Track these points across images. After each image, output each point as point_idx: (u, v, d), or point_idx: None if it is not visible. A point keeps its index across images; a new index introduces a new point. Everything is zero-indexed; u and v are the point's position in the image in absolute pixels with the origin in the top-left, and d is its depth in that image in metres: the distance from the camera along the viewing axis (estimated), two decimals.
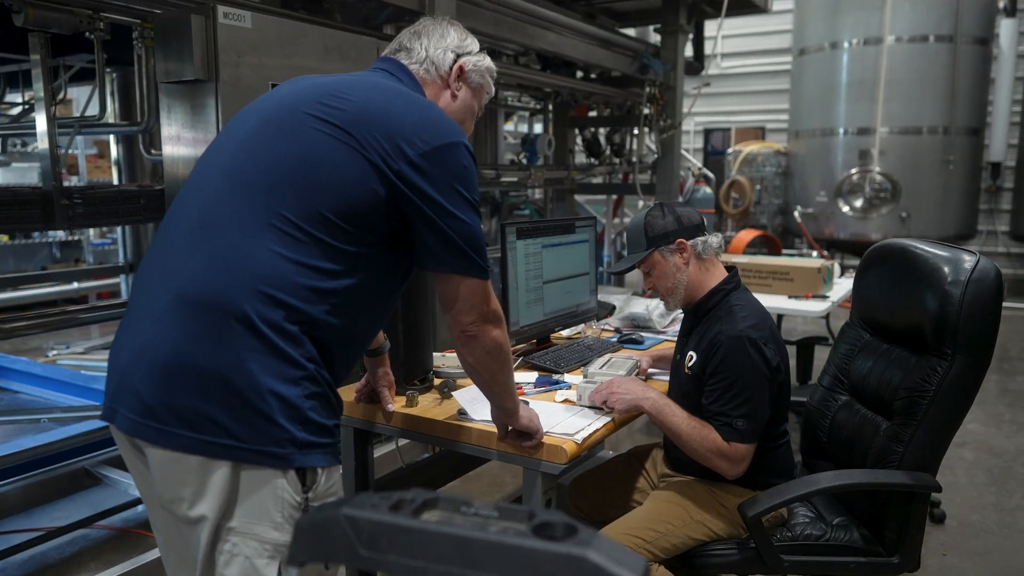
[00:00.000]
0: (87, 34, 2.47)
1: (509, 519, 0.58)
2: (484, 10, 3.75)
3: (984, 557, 2.82)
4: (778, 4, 7.53)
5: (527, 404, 1.70)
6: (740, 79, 10.64)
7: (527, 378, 2.14)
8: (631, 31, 6.19)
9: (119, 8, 2.48)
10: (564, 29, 4.44)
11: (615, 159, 6.03)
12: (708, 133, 10.86)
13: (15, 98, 3.98)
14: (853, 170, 7.86)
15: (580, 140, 6.11)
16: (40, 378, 4.21)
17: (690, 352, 1.88)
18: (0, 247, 7.20)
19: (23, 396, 4.15)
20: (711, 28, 6.24)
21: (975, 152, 8.16)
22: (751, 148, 9.05)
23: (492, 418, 1.64)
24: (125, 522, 2.94)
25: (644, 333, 2.73)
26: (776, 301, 3.70)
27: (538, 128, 7.59)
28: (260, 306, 1.18)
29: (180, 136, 2.51)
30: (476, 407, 1.77)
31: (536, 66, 5.25)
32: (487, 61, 1.55)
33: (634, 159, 5.85)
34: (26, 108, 3.60)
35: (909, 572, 1.84)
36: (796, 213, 8.34)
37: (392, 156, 1.25)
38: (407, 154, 1.26)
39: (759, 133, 10.36)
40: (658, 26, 5.74)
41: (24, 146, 6.43)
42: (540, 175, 5.20)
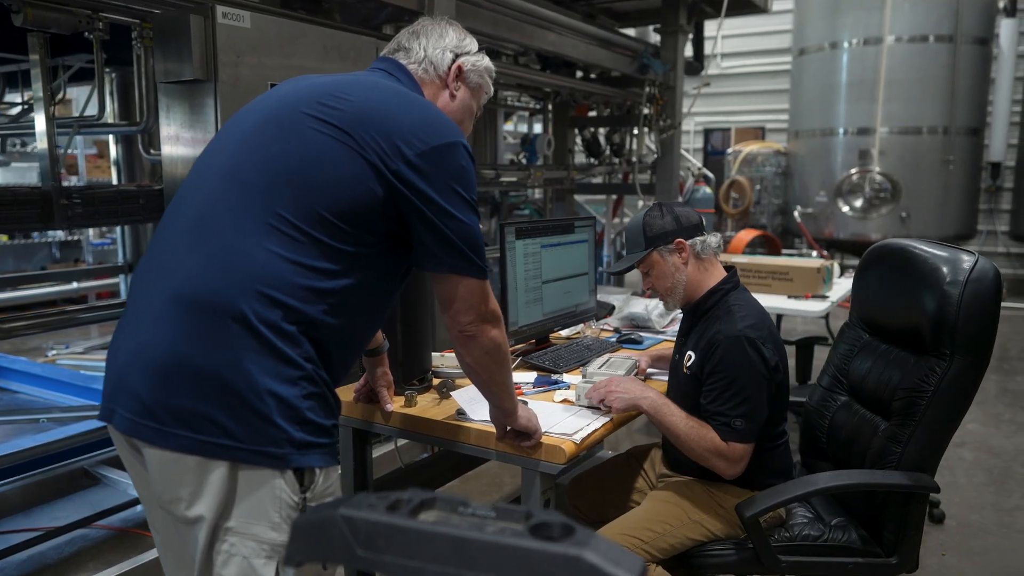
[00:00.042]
0: (86, 34, 2.47)
1: (506, 519, 0.58)
2: (483, 10, 3.75)
3: (983, 557, 2.82)
4: (778, 4, 7.53)
5: (526, 404, 1.70)
6: (740, 79, 10.64)
7: (526, 378, 2.14)
8: (631, 31, 6.18)
9: (118, 8, 2.48)
10: (564, 29, 4.44)
11: (615, 159, 6.03)
12: (708, 133, 10.85)
13: (14, 98, 3.98)
14: (853, 170, 7.86)
15: (580, 140, 6.12)
16: (39, 378, 4.21)
17: (688, 352, 1.88)
18: (0, 247, 7.20)
19: (22, 396, 4.15)
20: (711, 28, 6.24)
21: (975, 152, 8.16)
22: (751, 148, 9.05)
23: (491, 418, 1.63)
24: (124, 522, 2.94)
25: (643, 333, 2.73)
26: (775, 301, 3.69)
27: (538, 128, 7.59)
28: (258, 306, 1.18)
29: (179, 136, 2.51)
30: (475, 407, 1.77)
31: (536, 66, 5.24)
32: (486, 61, 1.55)
33: (634, 159, 5.85)
34: (25, 108, 3.60)
35: (907, 573, 1.83)
36: (796, 213, 8.33)
37: (390, 156, 1.25)
38: (405, 154, 1.26)
39: (759, 133, 10.35)
40: (658, 26, 5.75)
41: (24, 146, 6.44)
42: (540, 175, 5.20)
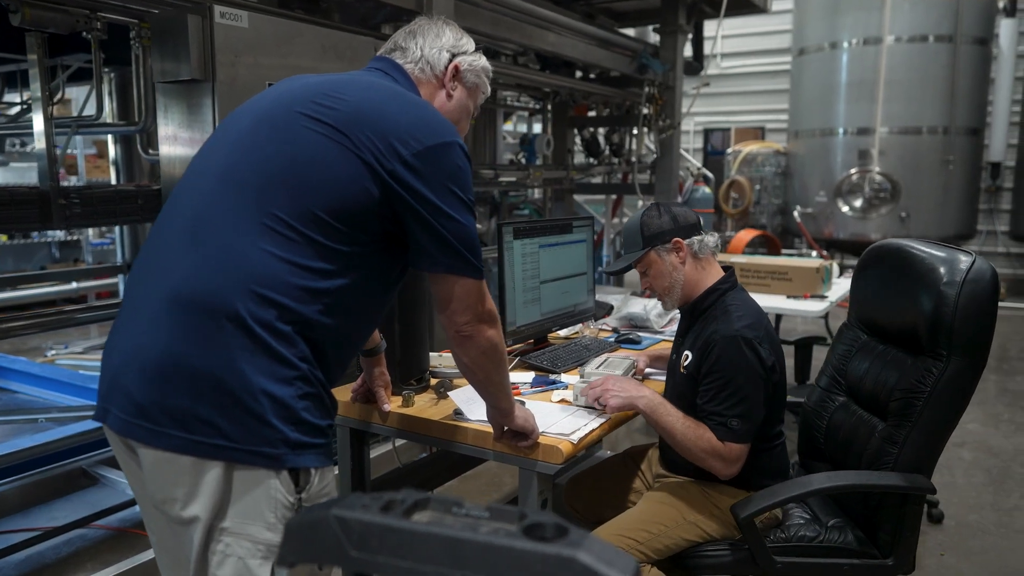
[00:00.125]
0: (84, 34, 2.47)
1: (500, 520, 0.57)
2: (482, 10, 3.75)
3: (982, 557, 2.82)
4: (777, 4, 7.53)
5: (523, 404, 1.70)
6: (740, 79, 10.63)
7: (524, 378, 2.14)
8: (630, 31, 6.18)
9: (116, 8, 2.48)
10: (563, 29, 4.44)
11: (614, 159, 6.02)
12: (708, 133, 10.85)
13: (13, 98, 3.97)
14: (853, 170, 7.86)
15: (579, 140, 6.12)
16: (38, 378, 4.20)
17: (686, 352, 1.88)
18: (0, 247, 7.20)
19: (21, 396, 4.15)
20: (710, 28, 6.24)
21: (975, 152, 8.16)
22: (751, 148, 9.05)
23: (488, 418, 1.63)
24: (122, 522, 2.93)
25: (642, 333, 2.72)
26: (774, 301, 3.69)
27: (537, 128, 7.59)
28: (252, 306, 1.17)
29: (177, 136, 2.51)
30: (472, 407, 1.77)
31: (535, 66, 5.25)
32: (482, 60, 1.55)
33: (633, 159, 5.85)
34: (24, 108, 3.59)
35: (904, 574, 1.83)
36: (795, 213, 8.33)
37: (385, 155, 1.25)
38: (401, 153, 1.25)
39: (759, 133, 10.35)
40: (657, 26, 5.75)
41: (23, 146, 6.44)
42: (539, 175, 5.20)
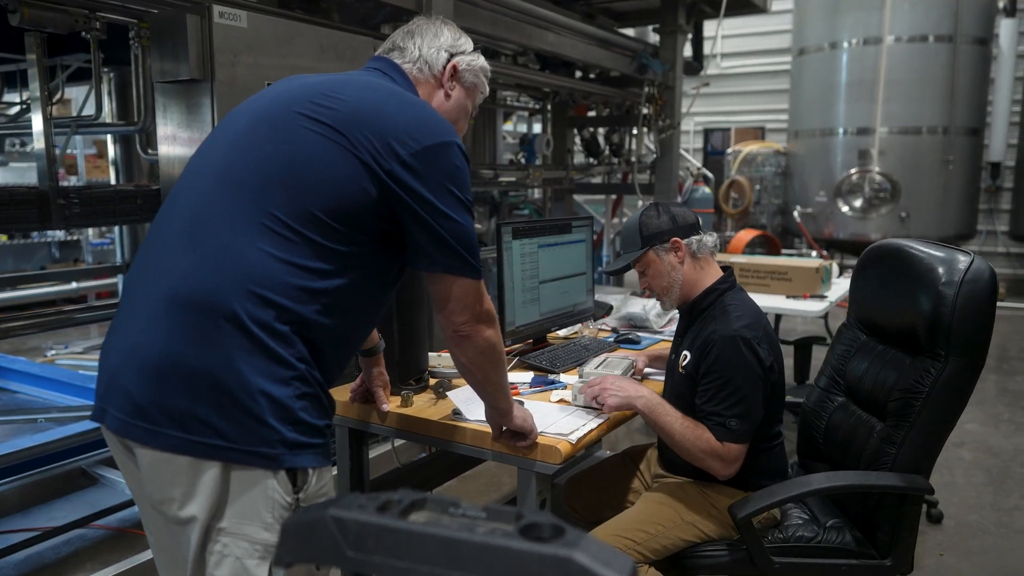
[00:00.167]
0: (83, 34, 2.47)
1: (497, 520, 0.57)
2: (482, 10, 3.75)
3: (981, 557, 2.81)
4: (777, 4, 7.53)
5: (522, 404, 1.70)
6: (739, 79, 10.63)
7: (523, 378, 2.14)
8: (630, 31, 6.18)
9: (115, 8, 2.48)
10: (563, 29, 4.43)
11: (614, 159, 6.02)
12: (708, 133, 10.85)
13: (13, 98, 3.97)
14: (852, 170, 7.86)
15: (579, 140, 6.11)
16: (38, 378, 4.21)
17: (684, 351, 1.88)
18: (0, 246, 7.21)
19: (21, 396, 4.15)
20: (710, 28, 6.24)
21: (975, 152, 8.16)
22: (751, 148, 9.05)
23: (486, 418, 1.63)
24: (121, 522, 2.93)
25: (641, 333, 2.72)
26: (774, 301, 3.69)
27: (537, 128, 7.59)
28: (250, 306, 1.17)
29: (176, 136, 2.51)
30: (471, 407, 1.77)
31: (535, 66, 5.24)
32: (481, 60, 1.55)
33: (633, 159, 5.85)
34: (23, 108, 3.59)
35: (902, 575, 1.83)
36: (795, 213, 8.33)
37: (383, 155, 1.25)
38: (399, 153, 1.25)
39: (759, 133, 10.35)
40: (657, 26, 5.74)
41: (23, 146, 6.44)
42: (538, 175, 5.19)
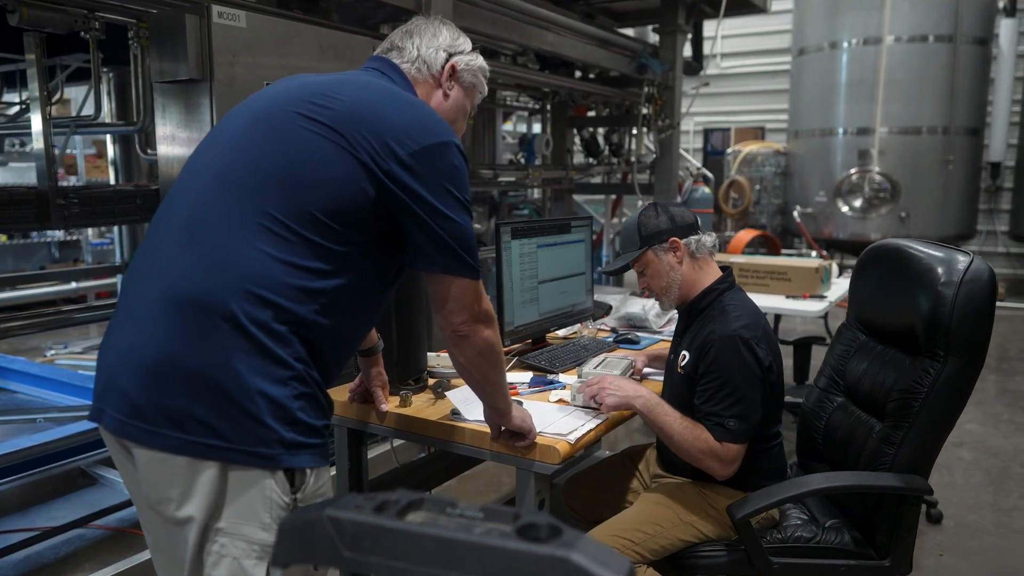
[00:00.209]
0: (82, 34, 2.47)
1: (494, 520, 0.57)
2: (481, 9, 3.75)
3: (980, 557, 2.81)
4: (777, 4, 7.53)
5: (520, 404, 1.70)
6: (739, 79, 10.64)
7: (522, 378, 2.14)
8: (630, 31, 6.18)
9: (114, 8, 2.48)
10: (562, 29, 4.43)
11: (613, 159, 6.02)
12: (708, 133, 10.85)
13: (12, 98, 3.97)
14: (852, 170, 7.85)
15: (578, 140, 6.11)
16: (37, 378, 4.21)
17: (683, 351, 1.87)
18: None
19: (20, 396, 4.15)
20: (710, 28, 6.24)
21: (975, 152, 8.16)
22: (750, 148, 9.05)
23: (485, 418, 1.63)
24: (121, 522, 2.93)
25: (640, 333, 2.72)
26: (773, 301, 3.68)
27: (536, 128, 7.59)
28: (248, 306, 1.17)
29: (175, 136, 2.51)
30: (469, 407, 1.77)
31: (534, 66, 5.24)
32: (479, 60, 1.55)
33: (632, 159, 5.85)
34: (23, 108, 3.59)
35: (901, 575, 1.83)
36: (795, 213, 8.33)
37: (382, 155, 1.25)
38: (397, 153, 1.25)
39: (758, 133, 10.35)
40: (657, 26, 5.74)
41: (22, 146, 6.44)
42: (538, 175, 5.19)
